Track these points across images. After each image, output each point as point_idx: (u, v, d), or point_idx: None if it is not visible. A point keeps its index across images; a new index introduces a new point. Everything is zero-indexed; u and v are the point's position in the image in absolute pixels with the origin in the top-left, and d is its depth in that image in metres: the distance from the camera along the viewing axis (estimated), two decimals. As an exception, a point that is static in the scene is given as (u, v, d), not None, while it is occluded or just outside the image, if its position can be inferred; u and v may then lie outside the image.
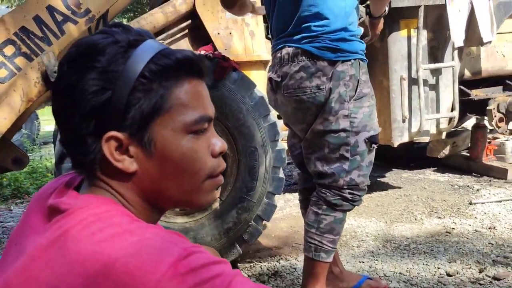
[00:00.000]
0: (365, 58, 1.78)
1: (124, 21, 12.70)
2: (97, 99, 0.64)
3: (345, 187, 1.77)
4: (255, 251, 2.70)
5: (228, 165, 2.42)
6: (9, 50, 2.26)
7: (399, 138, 3.25)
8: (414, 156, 4.63)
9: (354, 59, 1.71)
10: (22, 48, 2.28)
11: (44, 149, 6.97)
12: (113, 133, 0.65)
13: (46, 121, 10.20)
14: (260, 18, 2.82)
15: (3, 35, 2.25)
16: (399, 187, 3.85)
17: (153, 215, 0.73)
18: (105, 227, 0.61)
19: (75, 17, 2.37)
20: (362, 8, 2.96)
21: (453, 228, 2.85)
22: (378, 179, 4.12)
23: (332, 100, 1.70)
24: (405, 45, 3.18)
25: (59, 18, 2.33)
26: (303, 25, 1.70)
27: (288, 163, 2.68)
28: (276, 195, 2.46)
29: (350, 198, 1.78)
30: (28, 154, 2.86)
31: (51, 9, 2.32)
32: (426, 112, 3.24)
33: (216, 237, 2.40)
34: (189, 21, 2.74)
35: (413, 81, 3.21)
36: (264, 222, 2.50)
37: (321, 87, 1.70)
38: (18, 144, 5.41)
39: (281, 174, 2.47)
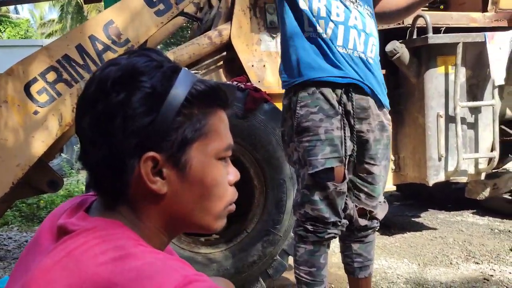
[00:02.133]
0: (309, 83, 1.67)
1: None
2: (143, 119, 0.64)
3: (303, 219, 1.74)
4: (279, 287, 2.63)
5: (255, 197, 2.40)
6: (51, 76, 2.37)
7: (435, 177, 3.13)
8: (451, 196, 4.45)
9: (293, 89, 1.71)
10: (64, 75, 2.38)
11: (81, 174, 7.16)
12: (152, 153, 0.65)
13: (87, 147, 10.51)
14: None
15: (46, 62, 2.36)
16: (435, 229, 3.69)
17: (164, 239, 0.72)
18: (108, 249, 0.60)
19: (115, 47, 2.46)
20: (398, 44, 2.95)
21: (491, 275, 2.68)
22: (412, 219, 3.97)
23: (285, 133, 1.78)
24: (442, 82, 3.11)
25: (100, 47, 2.43)
26: None
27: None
28: (303, 230, 2.40)
29: (312, 230, 1.72)
30: (66, 178, 2.95)
31: (93, 39, 2.42)
32: (464, 151, 3.12)
33: (240, 270, 2.35)
34: (224, 53, 2.79)
35: (450, 119, 3.11)
36: (289, 257, 2.44)
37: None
38: (58, 168, 5.60)
39: (309, 208, 2.41)
